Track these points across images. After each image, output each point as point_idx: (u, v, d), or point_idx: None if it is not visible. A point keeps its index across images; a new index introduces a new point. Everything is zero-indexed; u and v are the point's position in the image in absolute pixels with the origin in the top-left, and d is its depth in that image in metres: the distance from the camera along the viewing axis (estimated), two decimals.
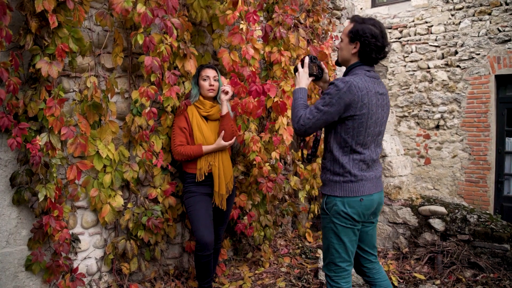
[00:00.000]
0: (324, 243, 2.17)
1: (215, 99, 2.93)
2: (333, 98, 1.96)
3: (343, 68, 2.25)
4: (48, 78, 2.33)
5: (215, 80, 2.86)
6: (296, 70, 2.28)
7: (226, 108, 2.82)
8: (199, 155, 2.76)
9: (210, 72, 2.85)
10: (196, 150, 2.75)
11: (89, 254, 2.75)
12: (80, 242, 2.66)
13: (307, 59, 2.26)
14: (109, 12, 2.48)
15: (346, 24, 2.17)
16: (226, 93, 2.82)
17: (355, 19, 2.12)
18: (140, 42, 2.50)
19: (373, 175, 2.12)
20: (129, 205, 2.84)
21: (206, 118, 2.87)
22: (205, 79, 2.84)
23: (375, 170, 2.14)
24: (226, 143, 2.78)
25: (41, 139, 2.29)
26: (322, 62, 2.33)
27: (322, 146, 2.38)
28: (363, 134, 2.03)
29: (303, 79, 2.23)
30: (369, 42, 2.03)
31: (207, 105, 2.86)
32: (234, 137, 2.86)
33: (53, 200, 2.34)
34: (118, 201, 2.74)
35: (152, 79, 2.62)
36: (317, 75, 2.29)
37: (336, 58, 2.28)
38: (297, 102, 2.14)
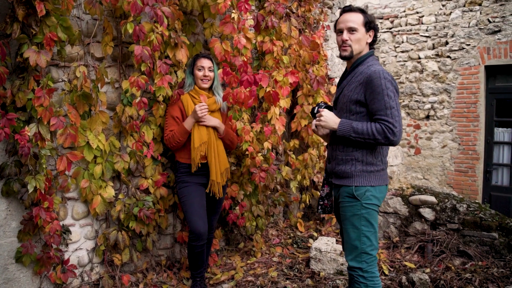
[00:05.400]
0: (352, 233, 2.09)
1: (210, 89, 2.90)
2: (394, 89, 2.00)
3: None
4: (36, 68, 2.29)
5: (210, 70, 2.83)
6: (314, 115, 2.26)
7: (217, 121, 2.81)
8: (184, 133, 2.71)
9: (205, 62, 2.81)
10: (179, 130, 2.71)
11: (80, 246, 2.74)
12: (71, 234, 2.64)
13: (320, 106, 2.26)
14: (98, 0, 2.43)
15: (349, 16, 2.12)
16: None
17: (359, 10, 2.15)
18: (130, 31, 2.47)
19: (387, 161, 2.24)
20: (120, 196, 2.82)
21: None
22: (200, 69, 2.81)
23: None
24: (197, 108, 2.66)
25: (30, 130, 2.25)
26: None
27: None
28: None
29: (333, 117, 2.12)
30: (377, 29, 2.18)
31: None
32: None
33: (43, 191, 2.31)
34: (109, 192, 2.71)
35: (142, 69, 2.59)
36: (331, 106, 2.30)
37: (344, 53, 2.13)
38: (360, 129, 2.01)
